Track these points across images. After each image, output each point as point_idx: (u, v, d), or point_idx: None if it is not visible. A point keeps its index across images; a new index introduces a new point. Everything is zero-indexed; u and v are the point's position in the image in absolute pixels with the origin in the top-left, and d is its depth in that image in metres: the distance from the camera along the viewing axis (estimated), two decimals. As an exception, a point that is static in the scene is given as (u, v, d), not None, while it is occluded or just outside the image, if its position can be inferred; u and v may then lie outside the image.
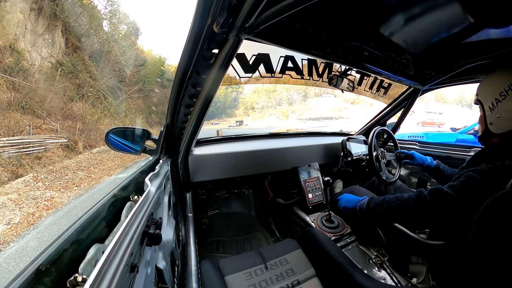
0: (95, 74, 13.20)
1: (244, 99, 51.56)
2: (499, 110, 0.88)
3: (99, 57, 14.17)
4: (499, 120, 0.88)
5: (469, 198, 0.82)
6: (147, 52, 22.41)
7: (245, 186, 2.20)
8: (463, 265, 0.89)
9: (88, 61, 13.25)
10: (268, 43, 0.78)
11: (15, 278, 0.31)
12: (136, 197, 0.63)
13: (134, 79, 17.23)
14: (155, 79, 19.66)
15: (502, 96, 0.86)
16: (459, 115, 29.97)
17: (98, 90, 12.55)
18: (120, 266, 0.35)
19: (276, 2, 0.55)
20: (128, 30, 18.14)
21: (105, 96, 13.03)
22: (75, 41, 12.85)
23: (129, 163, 8.88)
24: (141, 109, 16.44)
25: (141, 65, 18.34)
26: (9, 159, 6.43)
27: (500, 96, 0.87)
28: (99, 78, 13.24)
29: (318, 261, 1.11)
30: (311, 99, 44.42)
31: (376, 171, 1.52)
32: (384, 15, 0.89)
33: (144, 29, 37.56)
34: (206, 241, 1.69)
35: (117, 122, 12.75)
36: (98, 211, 0.52)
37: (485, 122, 0.95)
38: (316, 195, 1.70)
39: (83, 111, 10.97)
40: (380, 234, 1.33)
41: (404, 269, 1.25)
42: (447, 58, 1.26)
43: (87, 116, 10.92)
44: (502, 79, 0.87)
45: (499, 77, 0.89)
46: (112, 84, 14.14)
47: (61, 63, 11.26)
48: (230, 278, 1.01)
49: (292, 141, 1.94)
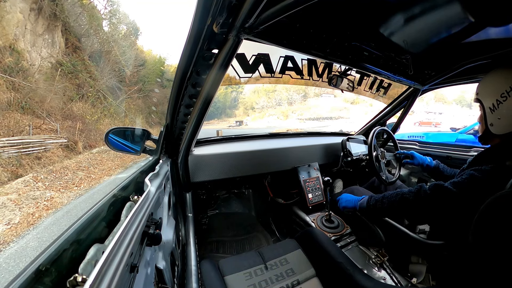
0: (95, 74, 13.18)
1: (244, 99, 51.54)
2: (500, 112, 0.87)
3: (99, 57, 14.15)
4: (500, 121, 0.88)
5: (470, 195, 0.82)
6: (147, 52, 22.44)
7: (245, 186, 2.20)
8: (463, 265, 0.89)
9: (88, 61, 13.23)
10: (268, 43, 0.78)
11: (15, 278, 0.31)
12: (136, 197, 0.63)
13: (134, 79, 17.23)
14: (155, 79, 19.68)
15: (503, 97, 0.85)
16: (458, 115, 29.96)
17: (98, 90, 12.53)
18: (120, 266, 0.35)
19: (276, 2, 0.55)
20: (128, 30, 18.15)
21: (105, 96, 13.03)
22: (75, 41, 12.85)
23: (129, 163, 8.89)
24: (141, 109, 16.44)
25: (141, 65, 18.34)
26: (9, 159, 6.43)
27: (501, 98, 0.86)
28: (99, 78, 13.22)
29: (318, 261, 1.11)
30: (311, 99, 44.42)
31: (376, 171, 1.52)
32: (384, 15, 0.89)
33: (144, 29, 37.74)
34: (206, 241, 1.69)
35: (117, 122, 12.76)
36: (98, 211, 0.52)
37: (485, 122, 0.94)
38: (316, 195, 1.70)
39: (83, 111, 10.95)
40: (380, 234, 1.33)
41: (404, 269, 1.25)
42: (447, 58, 1.26)
43: (87, 116, 10.91)
44: (503, 79, 0.87)
45: (500, 77, 0.88)
46: (112, 84, 14.12)
47: (61, 63, 11.24)
48: (230, 278, 1.01)
49: (292, 141, 1.94)
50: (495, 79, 0.90)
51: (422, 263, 1.24)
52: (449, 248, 1.06)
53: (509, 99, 0.84)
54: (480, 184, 0.82)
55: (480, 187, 0.82)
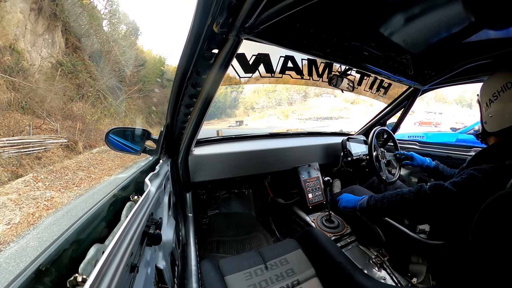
0: (95, 74, 13.15)
1: (244, 99, 51.46)
2: (491, 110, 0.93)
3: (99, 57, 14.12)
4: (491, 119, 0.94)
5: (470, 195, 0.82)
6: (147, 52, 22.38)
7: (245, 186, 2.20)
8: (463, 265, 0.89)
9: (88, 61, 13.18)
10: (268, 43, 0.78)
11: (15, 278, 0.31)
12: (136, 197, 0.63)
13: (134, 79, 17.19)
14: (155, 79, 19.64)
15: (494, 96, 0.92)
16: (459, 115, 29.91)
17: (98, 90, 12.50)
18: (120, 266, 0.35)
19: (276, 2, 0.55)
20: (128, 30, 18.12)
21: (105, 96, 13.00)
22: (75, 41, 12.82)
23: (129, 163, 8.90)
24: (141, 109, 16.42)
25: (141, 65, 18.31)
26: (9, 159, 6.43)
27: (493, 97, 0.92)
28: (99, 78, 13.19)
29: (318, 261, 1.11)
30: (311, 99, 44.37)
31: (376, 171, 1.52)
32: (384, 15, 0.89)
33: (144, 29, 37.63)
34: (206, 241, 1.69)
35: (117, 122, 12.76)
36: (98, 211, 0.52)
37: (481, 121, 1.00)
38: (316, 195, 1.70)
39: (83, 111, 10.94)
40: (380, 234, 1.33)
41: (404, 269, 1.25)
42: (447, 58, 1.26)
43: (87, 116, 10.87)
44: (498, 80, 0.92)
45: (496, 79, 0.93)
46: (112, 84, 14.08)
47: (61, 63, 11.21)
48: (230, 278, 1.01)
49: (292, 141, 1.94)
50: (491, 80, 0.95)
51: (422, 263, 1.24)
52: (449, 248, 1.06)
53: (499, 98, 0.90)
54: (480, 183, 0.82)
55: (480, 186, 0.82)
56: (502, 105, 0.89)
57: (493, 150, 0.92)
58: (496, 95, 0.91)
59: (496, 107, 0.91)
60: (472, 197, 0.81)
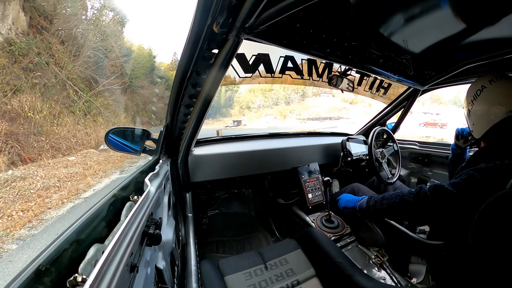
0: (65, 61, 10.43)
1: (239, 98, 50.91)
2: (472, 118, 0.98)
3: (75, 43, 11.42)
4: (474, 127, 0.98)
5: (470, 196, 0.82)
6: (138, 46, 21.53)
7: (245, 186, 2.20)
8: (463, 265, 0.89)
9: (58, 46, 10.51)
10: (268, 43, 0.78)
11: (15, 278, 0.31)
12: (136, 197, 0.63)
13: (117, 71, 14.80)
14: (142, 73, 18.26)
15: (470, 105, 0.97)
16: (456, 116, 29.83)
17: (64, 81, 9.81)
18: (120, 266, 0.35)
19: (276, 2, 0.55)
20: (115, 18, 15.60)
21: (76, 90, 10.41)
22: (41, 21, 10.26)
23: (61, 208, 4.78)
24: (126, 106, 14.34)
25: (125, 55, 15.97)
26: None
27: (470, 106, 0.97)
28: (68, 66, 10.44)
29: (318, 261, 1.11)
30: (309, 99, 44.18)
31: (376, 171, 1.53)
32: (384, 15, 0.89)
33: (144, 29, 37.24)
34: (206, 241, 1.69)
35: (87, 122, 10.14)
36: (98, 211, 0.52)
37: (470, 130, 1.04)
38: (316, 195, 1.70)
39: (29, 106, 7.47)
40: (380, 234, 1.33)
41: (404, 269, 1.25)
42: (447, 58, 1.26)
43: (36, 114, 7.65)
44: (472, 89, 0.97)
45: (471, 89, 0.98)
46: (87, 74, 11.44)
47: (11, 43, 8.28)
48: (230, 278, 1.01)
49: (292, 141, 1.94)
50: (468, 92, 1.00)
51: (422, 263, 1.24)
52: (449, 249, 1.06)
53: (475, 105, 0.95)
54: (479, 184, 0.82)
55: (480, 187, 0.82)
56: (479, 110, 0.93)
57: (491, 149, 0.92)
58: (471, 103, 0.96)
59: (475, 113, 0.95)
60: (472, 197, 0.82)
